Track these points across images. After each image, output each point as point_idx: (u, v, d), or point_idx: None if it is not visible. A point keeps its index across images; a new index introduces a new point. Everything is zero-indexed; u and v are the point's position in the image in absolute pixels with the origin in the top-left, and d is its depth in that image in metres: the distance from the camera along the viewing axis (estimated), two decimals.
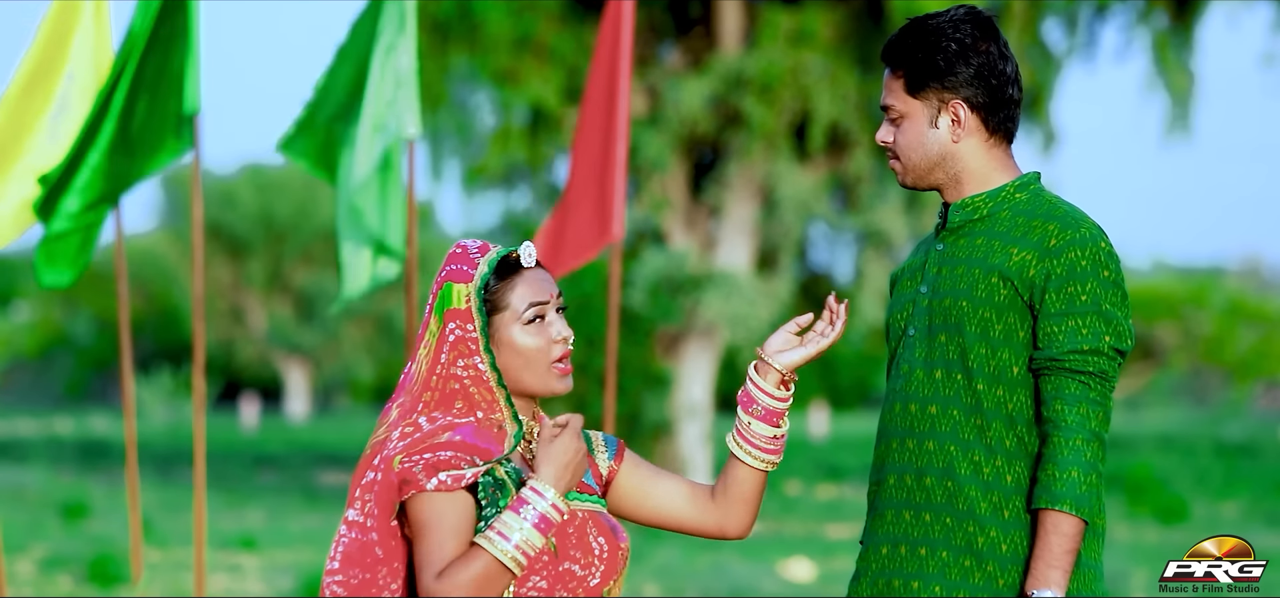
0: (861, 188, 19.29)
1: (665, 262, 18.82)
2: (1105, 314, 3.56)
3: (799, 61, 18.35)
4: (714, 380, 20.11)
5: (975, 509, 3.60)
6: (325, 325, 45.30)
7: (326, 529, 16.77)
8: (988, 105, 3.67)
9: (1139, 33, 19.21)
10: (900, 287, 3.82)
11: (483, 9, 18.22)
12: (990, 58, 3.66)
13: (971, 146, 3.68)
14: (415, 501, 3.19)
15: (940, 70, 3.64)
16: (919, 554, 3.65)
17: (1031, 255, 3.58)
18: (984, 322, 3.61)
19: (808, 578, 13.31)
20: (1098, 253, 3.58)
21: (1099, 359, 3.55)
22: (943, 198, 3.74)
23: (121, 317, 7.78)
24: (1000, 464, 3.60)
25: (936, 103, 3.66)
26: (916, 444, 3.67)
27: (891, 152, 3.73)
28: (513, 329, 3.31)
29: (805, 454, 28.73)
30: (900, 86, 3.68)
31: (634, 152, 18.19)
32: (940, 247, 3.72)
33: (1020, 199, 3.67)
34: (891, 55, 3.71)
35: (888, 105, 3.71)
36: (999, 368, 3.60)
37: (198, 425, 7.64)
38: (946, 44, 3.64)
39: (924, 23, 3.68)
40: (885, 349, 3.87)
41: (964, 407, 3.62)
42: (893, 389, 3.74)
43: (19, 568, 12.71)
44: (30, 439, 31.55)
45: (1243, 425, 33.38)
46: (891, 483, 3.71)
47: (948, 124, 3.67)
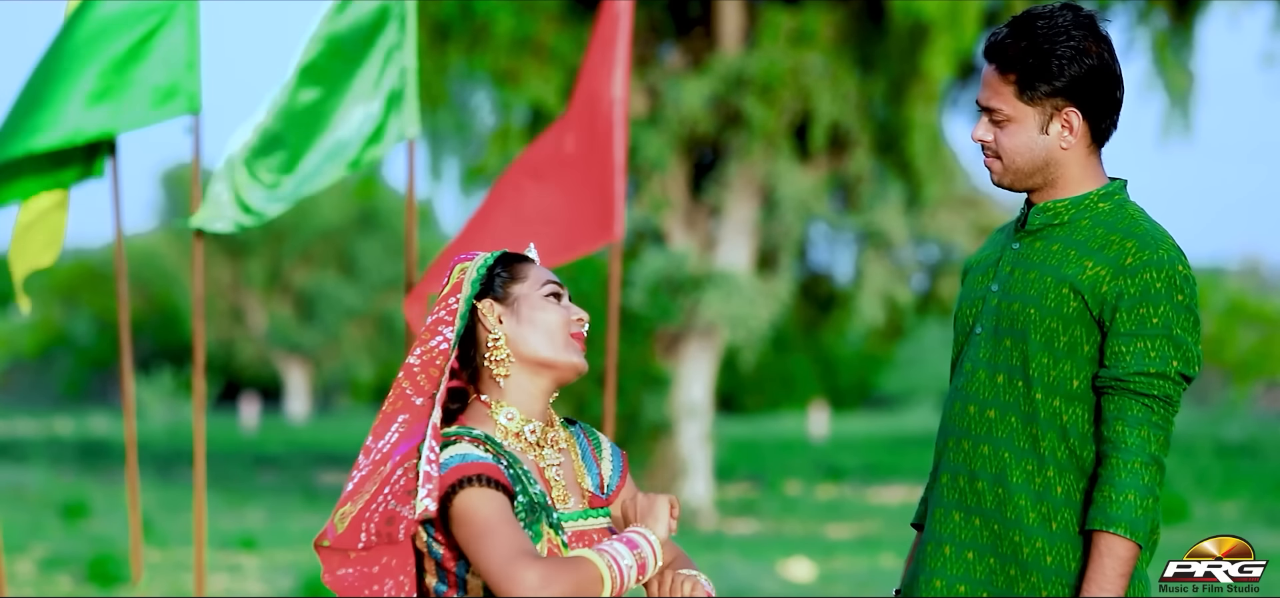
0: (861, 188, 19.29)
1: (665, 262, 18.81)
2: (1175, 339, 3.52)
3: (799, 61, 18.34)
4: (714, 381, 20.11)
5: (1023, 518, 3.58)
6: (325, 326, 45.30)
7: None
8: (1098, 112, 3.61)
9: (1139, 33, 19.20)
10: (971, 280, 3.77)
11: (483, 9, 18.21)
12: (1103, 62, 3.59)
13: (1076, 154, 3.62)
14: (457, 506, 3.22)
15: (1054, 76, 3.57)
16: (965, 558, 3.64)
17: (1106, 271, 3.53)
18: (1050, 331, 3.56)
19: (808, 578, 13.31)
20: (1174, 276, 3.53)
21: (1165, 383, 3.52)
22: (1029, 200, 3.69)
23: (121, 317, 7.77)
24: (1051, 475, 3.57)
25: (1050, 109, 3.59)
26: (971, 446, 3.64)
27: (990, 150, 3.65)
28: (533, 298, 3.37)
29: (805, 454, 28.73)
30: (1011, 91, 3.60)
31: (634, 152, 18.19)
32: (1016, 246, 3.67)
33: (1103, 209, 3.61)
34: (1001, 56, 3.61)
35: (993, 107, 3.63)
36: (1059, 379, 3.56)
37: (198, 426, 7.63)
38: (1063, 50, 3.56)
39: (1034, 24, 3.59)
40: (951, 345, 3.83)
41: (1021, 414, 3.59)
42: (956, 386, 3.70)
43: (19, 568, 12.71)
44: (30, 439, 31.55)
45: (1243, 425, 33.37)
46: (944, 482, 3.69)
47: (1058, 130, 3.60)
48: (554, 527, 3.29)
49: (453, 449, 3.27)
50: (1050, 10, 3.61)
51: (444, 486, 3.22)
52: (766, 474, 24.49)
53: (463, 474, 3.22)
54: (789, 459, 27.10)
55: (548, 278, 3.40)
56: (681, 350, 19.35)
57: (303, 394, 47.57)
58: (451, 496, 3.21)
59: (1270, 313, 39.92)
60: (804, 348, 41.72)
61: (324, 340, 45.82)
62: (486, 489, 3.21)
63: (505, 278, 3.38)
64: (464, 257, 3.42)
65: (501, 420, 3.36)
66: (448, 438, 3.30)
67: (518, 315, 3.36)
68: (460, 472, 3.23)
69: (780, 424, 40.32)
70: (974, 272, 3.78)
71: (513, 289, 3.37)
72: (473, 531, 3.19)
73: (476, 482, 3.21)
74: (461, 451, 3.27)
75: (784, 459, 27.07)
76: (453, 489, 3.21)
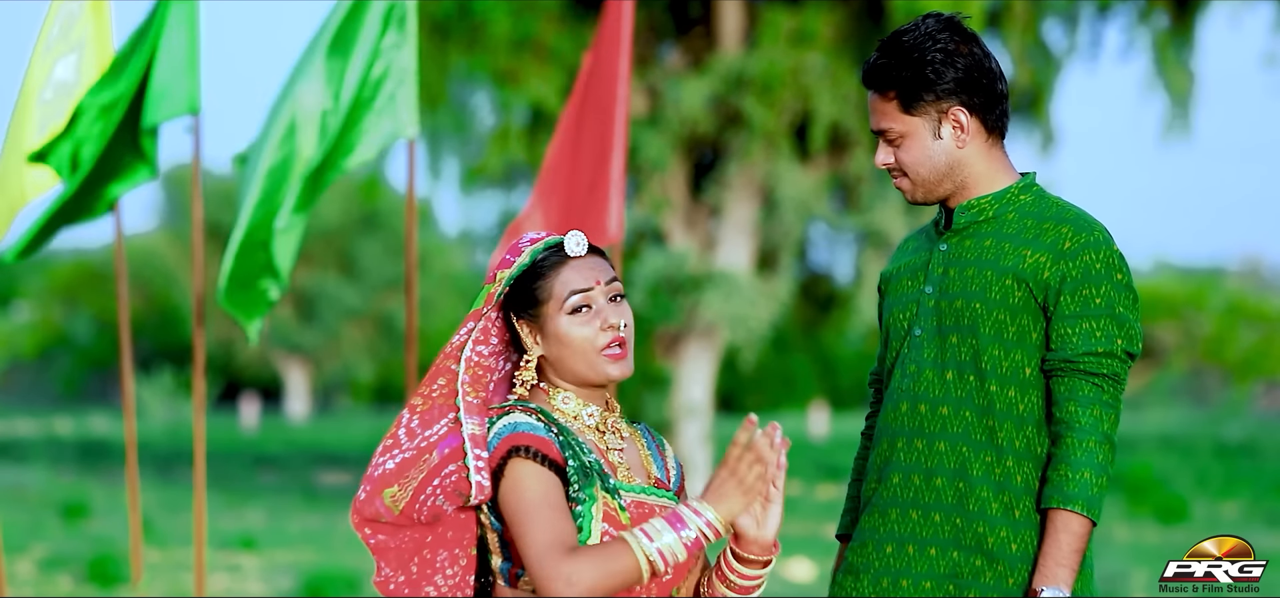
0: (862, 188, 19.28)
1: (665, 262, 18.81)
2: (1119, 317, 3.58)
3: (799, 61, 18.34)
4: (714, 381, 20.11)
5: (987, 510, 3.62)
6: (325, 326, 45.29)
7: (326, 529, 16.77)
8: (983, 105, 3.67)
9: (1139, 33, 19.19)
10: (897, 286, 3.81)
11: (483, 9, 18.21)
12: (975, 58, 3.67)
13: (976, 150, 3.68)
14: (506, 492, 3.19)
15: (931, 81, 3.63)
16: (929, 554, 3.67)
17: (1046, 258, 3.59)
18: (999, 324, 3.61)
19: (808, 578, 13.31)
20: (1111, 256, 3.60)
21: (1112, 362, 3.57)
22: (947, 204, 3.74)
23: (121, 317, 7.78)
24: (1010, 465, 3.61)
25: (935, 114, 3.66)
26: (926, 445, 3.67)
27: (896, 171, 3.71)
28: (558, 320, 3.29)
29: (805, 454, 28.72)
30: (894, 107, 3.67)
31: (634, 152, 18.18)
32: (944, 247, 3.72)
33: (1025, 201, 3.68)
34: (877, 79, 3.68)
35: (884, 128, 3.69)
36: (1012, 369, 3.61)
37: (198, 426, 7.64)
38: (931, 55, 3.63)
39: (900, 40, 3.67)
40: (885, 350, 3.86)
41: (976, 408, 3.63)
42: (899, 389, 3.73)
43: (19, 568, 12.71)
44: (30, 439, 31.54)
45: (1243, 425, 33.35)
46: (896, 482, 3.71)
47: (950, 132, 3.67)
48: (610, 491, 3.24)
49: (505, 420, 3.23)
50: (914, 23, 3.69)
51: (495, 458, 3.19)
52: None
53: (513, 444, 3.19)
54: (789, 459, 27.02)
55: (573, 288, 3.29)
56: (681, 350, 19.35)
57: (303, 394, 47.55)
58: (503, 466, 3.19)
59: (1270, 313, 39.93)
60: (804, 348, 41.72)
61: (324, 340, 45.79)
62: (534, 464, 3.17)
63: (532, 296, 3.31)
64: (513, 253, 3.36)
65: (558, 404, 3.33)
66: (503, 409, 3.26)
67: (545, 338, 3.31)
68: (511, 442, 3.19)
69: (780, 424, 40.27)
70: (898, 278, 3.82)
71: (539, 312, 3.31)
72: (517, 508, 3.16)
73: (525, 453, 3.18)
74: (513, 420, 3.23)
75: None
76: (504, 459, 3.18)
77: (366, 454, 27.56)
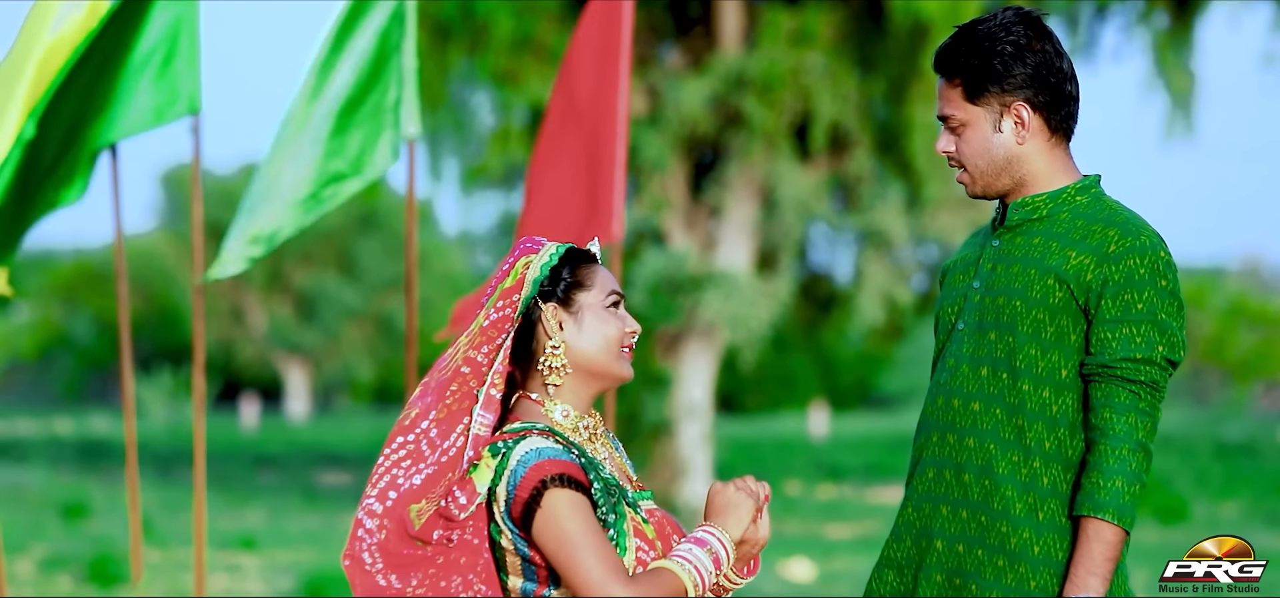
0: (861, 188, 19.29)
1: (665, 262, 18.81)
2: (1160, 324, 3.54)
3: (799, 61, 18.34)
4: (714, 381, 20.11)
5: (1010, 510, 3.60)
6: (325, 326, 45.30)
7: (326, 529, 16.77)
8: (1049, 104, 3.65)
9: (1139, 33, 19.21)
10: (952, 280, 3.80)
11: (483, 9, 18.21)
12: (1046, 56, 3.64)
13: (1036, 148, 3.66)
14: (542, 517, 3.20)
15: (998, 74, 3.62)
16: (956, 551, 3.65)
17: (1089, 260, 3.56)
18: (1037, 322, 3.59)
19: (808, 578, 13.31)
20: (1156, 262, 3.56)
21: (1151, 369, 3.53)
22: (1004, 200, 3.72)
23: (121, 317, 7.77)
24: (1037, 466, 3.59)
25: (998, 107, 3.64)
26: (957, 440, 3.66)
27: (955, 161, 3.70)
28: (598, 309, 3.34)
29: (805, 454, 28.73)
30: (958, 95, 3.66)
31: (634, 152, 18.19)
32: (996, 243, 3.70)
33: (1080, 202, 3.65)
34: (945, 64, 3.68)
35: (947, 115, 3.68)
36: (1048, 369, 3.58)
37: (198, 426, 7.63)
38: (1001, 47, 3.62)
39: (975, 28, 3.66)
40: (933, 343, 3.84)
41: (1006, 406, 3.61)
42: (938, 382, 3.72)
43: (19, 568, 12.71)
44: (30, 439, 31.55)
45: (1243, 425, 33.36)
46: (930, 476, 3.70)
47: (1011, 127, 3.65)
48: (632, 505, 3.29)
49: (525, 445, 3.22)
50: (993, 14, 3.68)
51: (527, 488, 3.17)
52: (766, 474, 24.47)
53: (544, 473, 3.18)
54: (789, 459, 27.08)
55: (612, 287, 3.37)
56: (681, 350, 19.35)
57: (303, 394, 47.56)
58: (537, 496, 3.17)
59: (1270, 313, 39.93)
60: (804, 348, 41.70)
61: (324, 340, 45.81)
62: (569, 492, 3.17)
63: (570, 283, 3.34)
64: (529, 245, 3.36)
65: (557, 418, 3.32)
66: (515, 434, 3.25)
67: (580, 324, 3.33)
68: (542, 471, 3.18)
69: (780, 424, 40.29)
70: (954, 272, 3.81)
71: (578, 297, 3.34)
72: (563, 541, 3.16)
73: (559, 482, 3.18)
74: (535, 446, 3.22)
75: (784, 459, 27.07)
76: (537, 490, 3.17)
77: (366, 454, 27.57)
